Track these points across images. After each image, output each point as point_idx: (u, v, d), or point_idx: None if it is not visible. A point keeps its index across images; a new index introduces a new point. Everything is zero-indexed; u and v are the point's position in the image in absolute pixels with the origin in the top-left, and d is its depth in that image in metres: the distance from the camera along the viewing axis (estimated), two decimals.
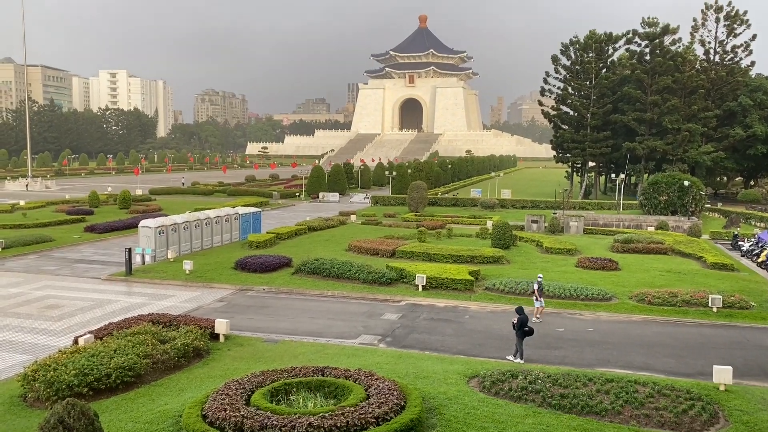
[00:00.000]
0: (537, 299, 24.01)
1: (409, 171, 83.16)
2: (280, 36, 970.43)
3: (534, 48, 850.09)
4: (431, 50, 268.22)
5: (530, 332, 19.41)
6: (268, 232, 41.39)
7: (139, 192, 76.81)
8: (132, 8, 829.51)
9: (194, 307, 25.82)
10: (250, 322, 23.58)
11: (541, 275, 25.06)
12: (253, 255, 33.61)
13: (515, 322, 19.52)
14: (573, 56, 76.05)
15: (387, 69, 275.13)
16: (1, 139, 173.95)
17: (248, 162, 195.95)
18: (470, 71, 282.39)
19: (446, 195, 75.17)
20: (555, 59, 76.67)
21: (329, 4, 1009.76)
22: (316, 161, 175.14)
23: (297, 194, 79.41)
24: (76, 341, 19.07)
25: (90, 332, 19.72)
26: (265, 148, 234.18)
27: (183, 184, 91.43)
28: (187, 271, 30.99)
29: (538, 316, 23.99)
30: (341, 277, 29.66)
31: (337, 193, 78.18)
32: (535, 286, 24.20)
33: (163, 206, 61.41)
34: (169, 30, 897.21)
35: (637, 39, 72.70)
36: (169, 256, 34.61)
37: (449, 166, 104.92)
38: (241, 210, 43.25)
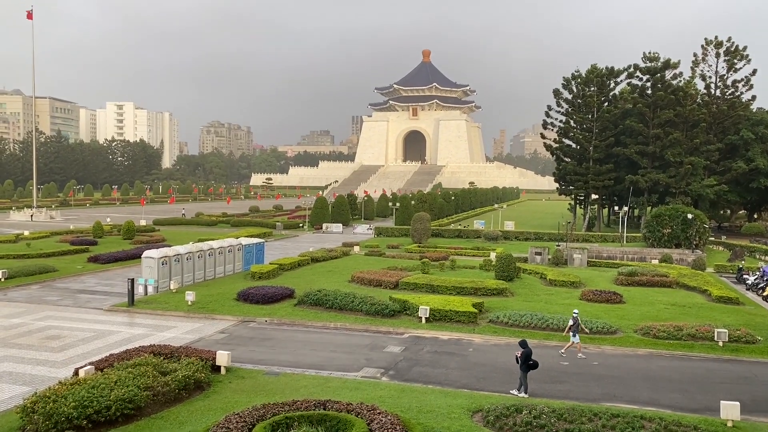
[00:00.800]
0: (573, 335, 23.75)
1: (413, 202, 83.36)
2: (285, 68, 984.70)
3: (536, 81, 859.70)
4: (434, 84, 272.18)
5: (534, 366, 19.23)
6: (271, 263, 41.37)
7: (143, 223, 77.09)
8: (141, 40, 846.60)
9: (196, 338, 25.69)
10: (251, 354, 23.42)
11: (576, 311, 24.88)
12: (256, 286, 33.55)
13: (519, 355, 19.36)
14: (575, 90, 76.88)
15: (391, 102, 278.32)
16: (8, 169, 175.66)
17: (252, 193, 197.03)
18: (473, 104, 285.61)
19: (449, 226, 75.18)
20: (557, 93, 77.54)
21: (335, 37, 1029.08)
22: (320, 192, 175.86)
23: (300, 225, 79.57)
24: (76, 372, 18.96)
25: (91, 363, 19.62)
26: (270, 179, 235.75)
27: (183, 214, 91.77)
28: (190, 302, 30.91)
29: (564, 353, 23.72)
30: (344, 308, 29.54)
31: (341, 224, 78.33)
32: (570, 322, 23.96)
33: (166, 237, 61.51)
34: (176, 62, 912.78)
35: (638, 73, 73.57)
36: (171, 287, 34.57)
37: (452, 198, 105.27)
38: (245, 241, 43.32)
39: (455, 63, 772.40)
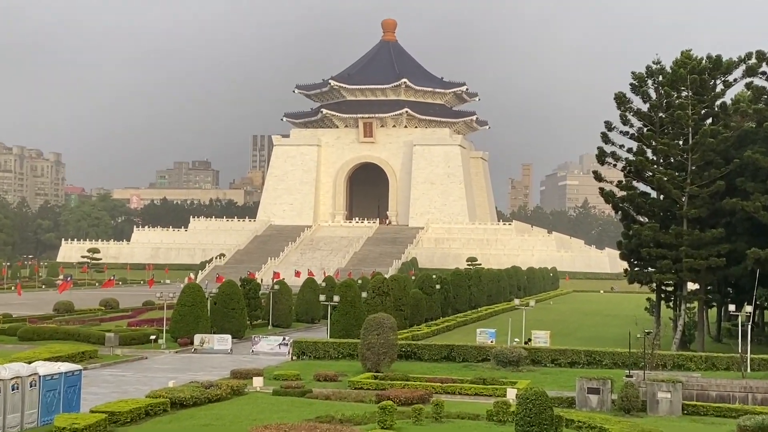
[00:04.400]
0: None
1: (365, 295, 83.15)
2: (134, 51, 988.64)
3: (588, 82, 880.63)
4: (404, 79, 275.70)
5: None
6: (93, 411, 40.38)
7: None
8: None
9: None
10: None
11: None
12: None
13: None
14: (654, 95, 78.93)
15: (325, 111, 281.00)
16: None
17: (63, 276, 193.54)
18: (473, 118, 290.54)
19: (432, 340, 74.84)
20: (622, 100, 79.31)
21: None
22: (191, 275, 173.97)
23: (153, 338, 78.27)
24: None
25: None
26: (96, 250, 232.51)
27: None
28: None
29: None
30: None
31: (230, 336, 77.42)
32: None
33: None
34: None
35: (764, 67, 76.25)
36: None
37: (438, 287, 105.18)
38: (45, 368, 42.26)
39: (441, 48, 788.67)
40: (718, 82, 78.69)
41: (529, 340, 75.28)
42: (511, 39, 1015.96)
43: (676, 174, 77.89)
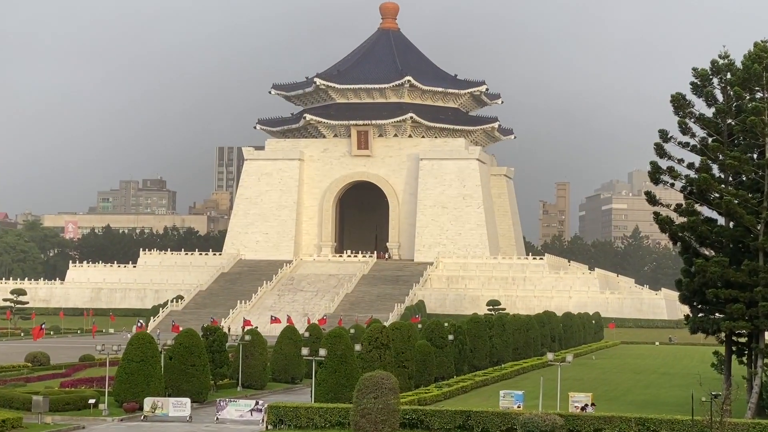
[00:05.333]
0: None
1: (359, 347, 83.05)
2: (63, 41, 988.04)
3: (638, 80, 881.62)
4: (408, 77, 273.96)
5: None
6: None
7: None
8: None
9: None
10: None
11: None
12: None
13: None
14: (720, 97, 78.81)
15: (308, 117, 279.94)
16: None
17: None
18: (495, 126, 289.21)
19: (444, 404, 74.65)
20: (680, 103, 79.03)
21: None
22: (141, 322, 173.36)
23: (92, 401, 78.13)
24: None
25: None
26: (21, 292, 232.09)
27: None
28: None
29: None
30: None
31: (188, 400, 77.11)
32: None
33: None
34: None
35: None
36: None
37: (450, 338, 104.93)
38: None
39: (455, 38, 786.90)
40: None
41: (593, 404, 74.58)
42: (544, 27, 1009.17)
43: (750, 195, 77.61)
